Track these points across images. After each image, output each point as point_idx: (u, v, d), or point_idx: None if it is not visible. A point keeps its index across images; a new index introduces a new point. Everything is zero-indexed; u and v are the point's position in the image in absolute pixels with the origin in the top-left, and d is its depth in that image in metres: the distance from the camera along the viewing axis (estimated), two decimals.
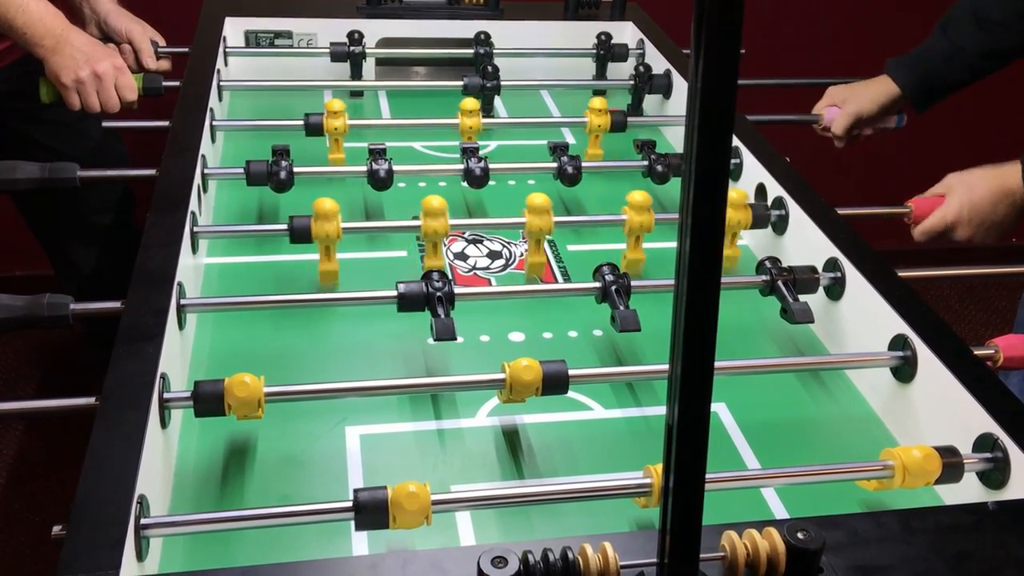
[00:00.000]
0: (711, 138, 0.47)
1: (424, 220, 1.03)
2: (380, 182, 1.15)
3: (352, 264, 1.09)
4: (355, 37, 1.49)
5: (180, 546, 0.72)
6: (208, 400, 0.76)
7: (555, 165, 1.22)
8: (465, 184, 1.21)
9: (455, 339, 0.90)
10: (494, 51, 1.53)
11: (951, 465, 0.76)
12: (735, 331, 1.02)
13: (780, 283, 0.99)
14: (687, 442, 0.52)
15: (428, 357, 0.97)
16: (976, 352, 0.86)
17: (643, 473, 0.74)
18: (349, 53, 1.48)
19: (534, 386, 0.81)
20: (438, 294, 0.92)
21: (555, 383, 0.82)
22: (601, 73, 1.59)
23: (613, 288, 0.95)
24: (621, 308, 0.94)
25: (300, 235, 1.01)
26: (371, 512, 0.67)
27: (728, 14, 0.46)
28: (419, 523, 0.68)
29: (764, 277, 1.00)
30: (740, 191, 1.11)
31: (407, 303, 0.92)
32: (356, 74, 1.50)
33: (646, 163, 1.25)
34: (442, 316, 0.91)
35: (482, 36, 1.55)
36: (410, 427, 0.87)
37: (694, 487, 0.53)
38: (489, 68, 1.45)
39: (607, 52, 1.58)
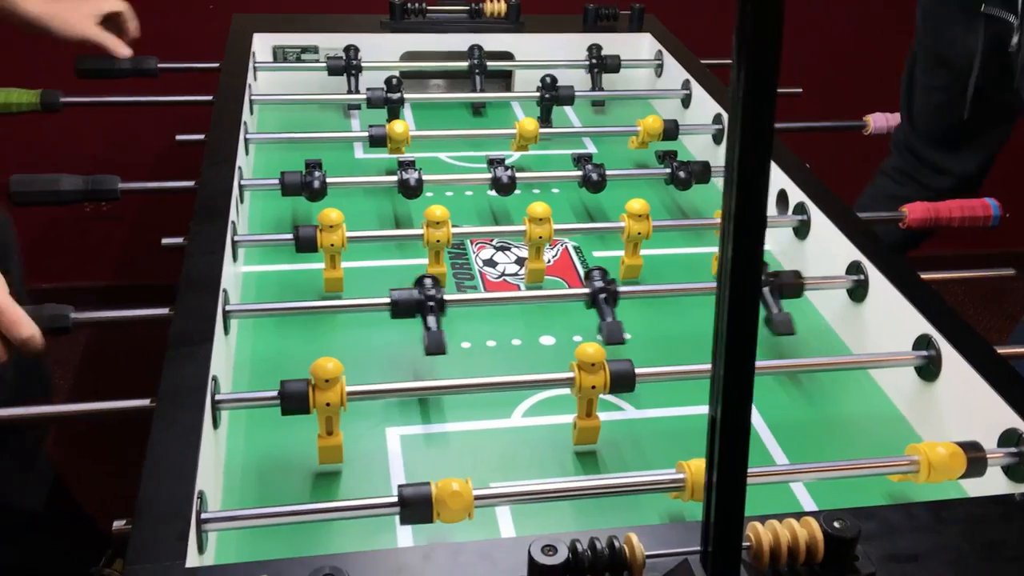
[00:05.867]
0: (753, 145, 0.50)
1: (426, 230, 1.06)
2: (411, 191, 1.18)
3: (380, 271, 1.13)
4: (350, 52, 1.52)
5: (232, 541, 0.75)
6: (295, 399, 0.79)
7: (579, 173, 1.25)
8: (492, 192, 1.25)
9: (445, 353, 0.92)
10: (487, 62, 1.57)
11: (975, 460, 0.78)
12: (759, 332, 1.04)
13: (765, 290, 0.99)
14: (730, 437, 0.55)
15: (461, 360, 1.00)
16: (1015, 350, 0.89)
17: (676, 469, 0.76)
18: (346, 67, 1.51)
19: (604, 382, 0.83)
20: (430, 302, 0.93)
21: (622, 382, 0.84)
22: (598, 84, 1.61)
23: (602, 296, 0.96)
24: (609, 319, 0.95)
25: (306, 244, 1.03)
26: (415, 507, 0.69)
27: (769, 24, 0.48)
28: (461, 517, 0.71)
29: None
30: None
31: (400, 310, 0.93)
32: (353, 88, 1.52)
33: (668, 171, 1.28)
34: (433, 328, 0.92)
35: (475, 50, 1.58)
36: (448, 428, 0.90)
37: (737, 479, 0.56)
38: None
39: (599, 63, 1.61)
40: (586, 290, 0.99)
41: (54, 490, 1.45)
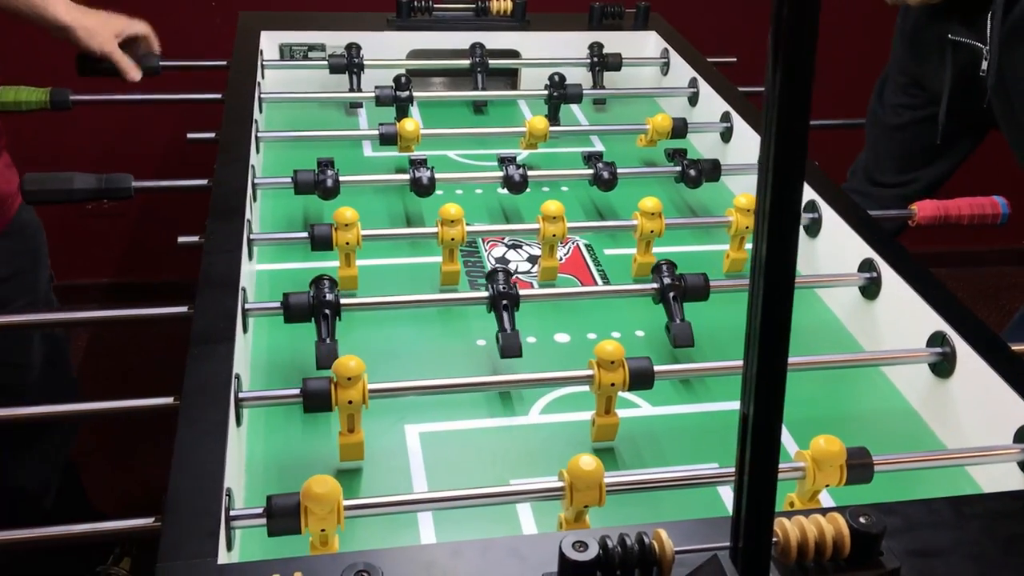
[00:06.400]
0: (788, 144, 0.50)
1: (441, 228, 1.06)
2: (423, 188, 1.19)
3: (394, 269, 1.13)
4: (352, 50, 1.52)
5: (255, 539, 0.75)
6: (318, 396, 0.79)
7: (590, 172, 1.26)
8: (502, 191, 1.25)
9: (338, 356, 0.87)
10: (489, 61, 1.57)
11: (857, 466, 0.76)
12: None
13: (670, 295, 0.97)
14: (761, 434, 0.55)
15: (476, 358, 1.00)
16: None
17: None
18: (347, 65, 1.51)
19: (623, 379, 0.84)
20: (325, 310, 0.90)
21: (642, 379, 0.85)
22: (599, 83, 1.62)
23: (503, 302, 0.95)
24: (507, 330, 0.94)
25: (321, 243, 1.03)
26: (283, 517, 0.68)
27: (804, 25, 0.49)
28: (332, 526, 0.68)
29: (655, 285, 0.99)
30: (750, 196, 1.14)
31: (293, 314, 0.91)
32: (355, 86, 1.52)
33: (679, 169, 1.28)
34: (327, 340, 0.90)
35: (477, 48, 1.59)
36: (466, 425, 0.91)
37: (768, 476, 0.56)
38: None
39: (600, 61, 1.61)
40: (485, 294, 0.97)
41: (65, 488, 1.46)
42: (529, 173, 1.24)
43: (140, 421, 0.91)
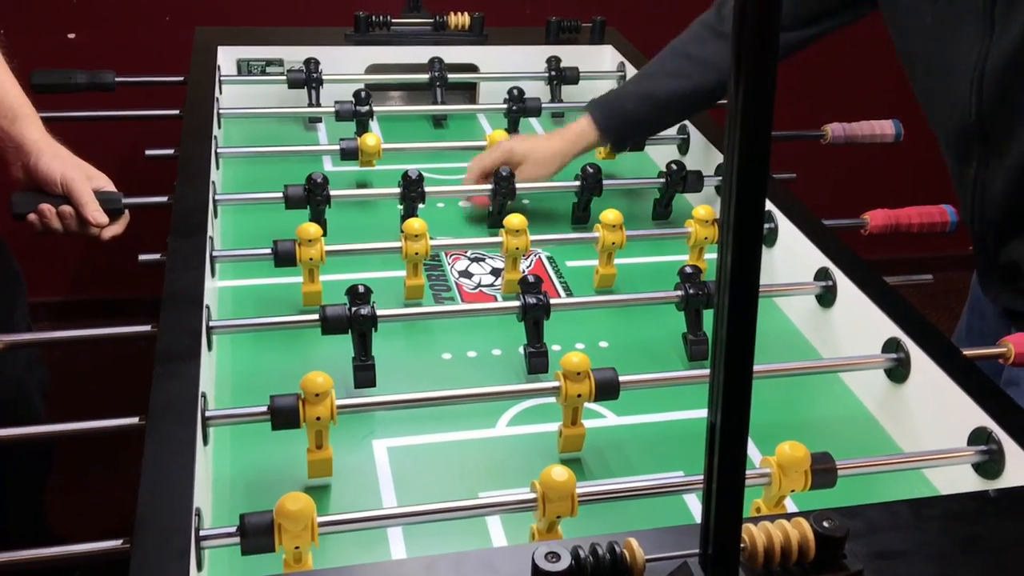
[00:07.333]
0: (751, 158, 0.51)
1: (405, 242, 1.07)
2: (413, 204, 1.20)
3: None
4: (311, 65, 1.52)
5: (224, 558, 0.75)
6: (285, 413, 0.79)
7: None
8: (464, 203, 1.26)
9: (374, 386, 0.94)
10: (448, 75, 1.59)
11: (822, 471, 0.77)
12: None
13: (693, 310, 1.00)
14: (729, 442, 0.56)
15: (442, 371, 1.01)
16: (988, 351, 0.91)
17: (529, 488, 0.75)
18: (306, 80, 1.51)
19: (589, 390, 0.85)
20: (361, 330, 0.92)
21: (607, 390, 0.86)
22: (557, 96, 1.64)
23: (532, 319, 0.98)
24: (536, 346, 0.97)
25: (284, 259, 1.03)
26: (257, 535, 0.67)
27: (766, 37, 0.50)
28: (306, 543, 0.68)
29: (679, 293, 1.01)
30: (707, 207, 1.16)
31: (331, 326, 0.93)
32: (314, 100, 1.52)
33: (663, 181, 1.30)
34: (363, 359, 0.92)
35: (436, 63, 1.60)
36: (434, 438, 0.91)
37: (735, 483, 0.57)
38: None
39: (558, 74, 1.63)
40: (516, 304, 0.98)
41: (24, 512, 1.42)
42: (486, 186, 1.25)
43: (95, 443, 0.89)
